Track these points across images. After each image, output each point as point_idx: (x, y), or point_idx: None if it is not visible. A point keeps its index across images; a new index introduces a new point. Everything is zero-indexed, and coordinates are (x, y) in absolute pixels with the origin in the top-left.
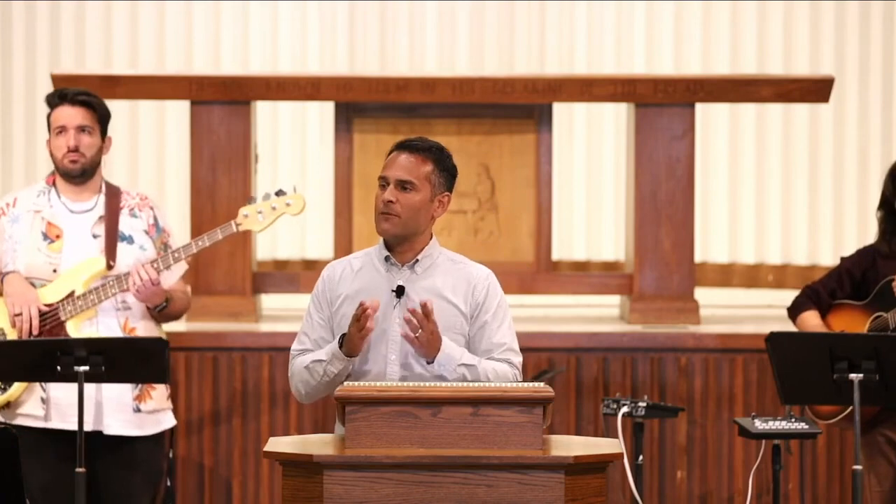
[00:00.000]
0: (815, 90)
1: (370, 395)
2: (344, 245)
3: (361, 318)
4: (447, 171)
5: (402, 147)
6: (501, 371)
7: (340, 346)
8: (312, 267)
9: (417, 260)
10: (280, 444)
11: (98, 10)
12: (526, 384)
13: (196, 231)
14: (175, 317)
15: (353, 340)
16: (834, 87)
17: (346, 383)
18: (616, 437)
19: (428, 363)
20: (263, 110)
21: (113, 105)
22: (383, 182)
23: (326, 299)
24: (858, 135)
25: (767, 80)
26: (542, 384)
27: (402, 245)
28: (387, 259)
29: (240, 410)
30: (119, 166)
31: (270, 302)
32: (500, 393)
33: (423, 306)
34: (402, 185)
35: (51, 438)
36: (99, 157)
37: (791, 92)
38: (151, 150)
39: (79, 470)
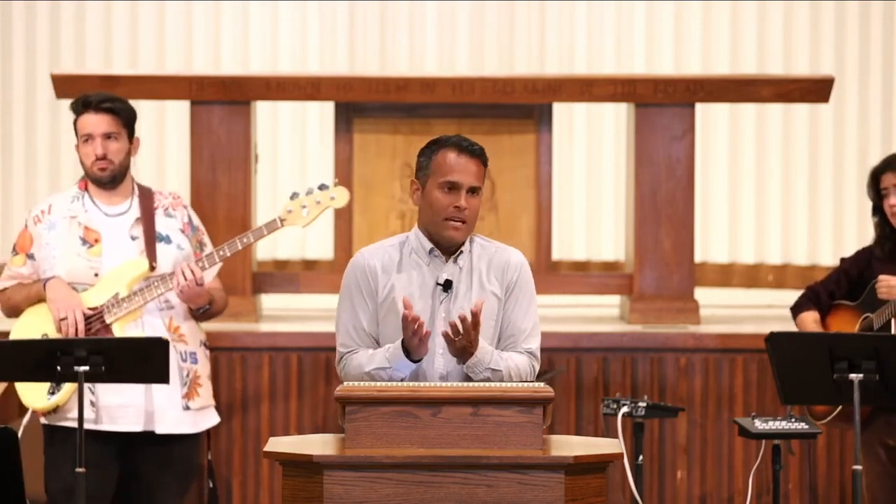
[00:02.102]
0: (815, 90)
1: (370, 395)
2: (344, 245)
3: (417, 329)
4: (486, 170)
5: (462, 150)
6: (522, 366)
7: (406, 354)
8: (312, 267)
9: (461, 252)
10: (280, 444)
11: (98, 10)
12: (526, 384)
13: None
14: (215, 316)
15: (417, 350)
16: (834, 87)
17: (347, 383)
18: (616, 437)
19: (458, 363)
20: (263, 110)
21: None
22: (451, 187)
23: (370, 289)
24: (858, 135)
25: (767, 80)
26: (542, 384)
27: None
28: (430, 252)
29: (240, 410)
30: None
31: (270, 302)
32: (500, 393)
33: (474, 315)
34: (472, 191)
35: (100, 440)
36: (128, 161)
37: (791, 92)
38: (151, 150)
39: (79, 470)
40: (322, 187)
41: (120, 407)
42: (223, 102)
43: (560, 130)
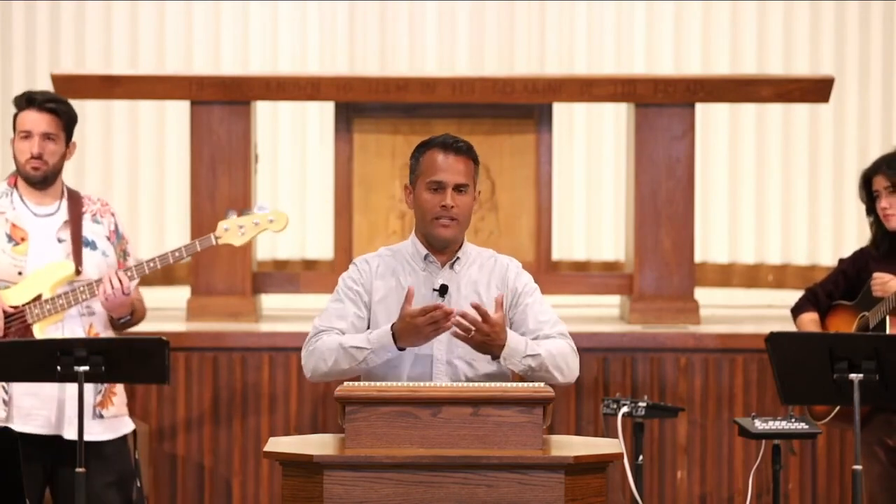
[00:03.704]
0: (815, 90)
1: (370, 395)
2: (344, 245)
3: (441, 319)
4: (477, 164)
5: (447, 148)
6: (561, 348)
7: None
8: (312, 267)
9: (458, 258)
10: (280, 444)
11: (98, 10)
12: (526, 384)
13: (196, 231)
14: (133, 326)
15: (423, 338)
16: (834, 87)
17: (347, 383)
18: (616, 437)
19: (494, 359)
20: (263, 110)
21: (113, 105)
22: (436, 186)
23: (364, 290)
24: (858, 135)
25: (767, 80)
26: (542, 384)
27: (446, 246)
28: (426, 258)
29: (240, 410)
30: (119, 166)
31: (270, 302)
32: (500, 393)
33: (478, 308)
34: (459, 189)
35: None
36: (62, 164)
37: (791, 92)
38: (151, 150)
39: (79, 470)
40: (261, 209)
41: (32, 408)
42: (223, 102)
43: (560, 130)
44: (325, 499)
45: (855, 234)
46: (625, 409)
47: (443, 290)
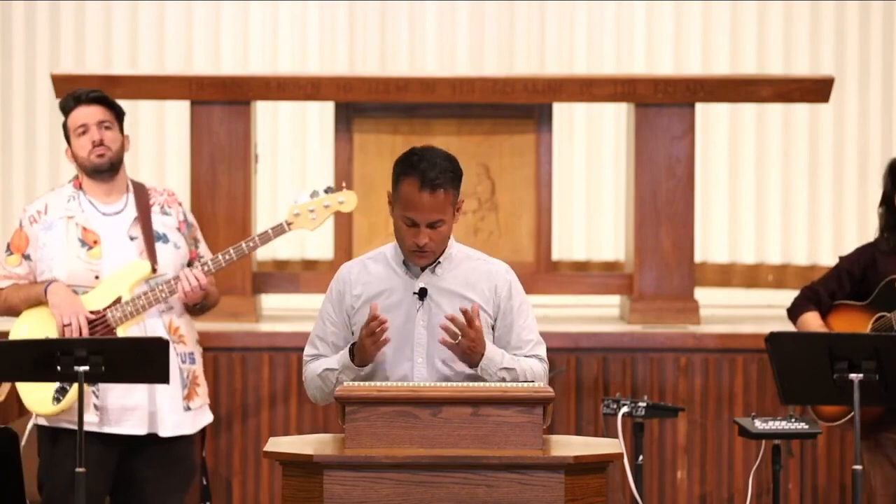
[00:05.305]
0: (815, 90)
1: (370, 395)
2: (344, 245)
3: (378, 331)
4: (458, 181)
5: (423, 185)
6: (536, 368)
7: (352, 356)
8: (312, 267)
9: (439, 262)
10: (280, 444)
11: (98, 10)
12: (526, 384)
13: None
14: (209, 310)
15: (367, 351)
16: (834, 87)
17: (347, 383)
18: (616, 437)
19: (471, 367)
20: (263, 110)
21: None
22: (410, 223)
23: (342, 302)
24: (858, 135)
25: (767, 80)
26: (542, 384)
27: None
28: (405, 262)
29: (240, 410)
30: None
31: (270, 302)
32: (500, 393)
33: (465, 313)
34: (433, 225)
35: (103, 441)
36: (122, 154)
37: (791, 92)
38: (151, 150)
39: (79, 470)
40: (328, 190)
41: (125, 410)
42: (223, 102)
43: (560, 130)
44: (325, 499)
45: (855, 234)
46: (625, 409)
47: (422, 293)
